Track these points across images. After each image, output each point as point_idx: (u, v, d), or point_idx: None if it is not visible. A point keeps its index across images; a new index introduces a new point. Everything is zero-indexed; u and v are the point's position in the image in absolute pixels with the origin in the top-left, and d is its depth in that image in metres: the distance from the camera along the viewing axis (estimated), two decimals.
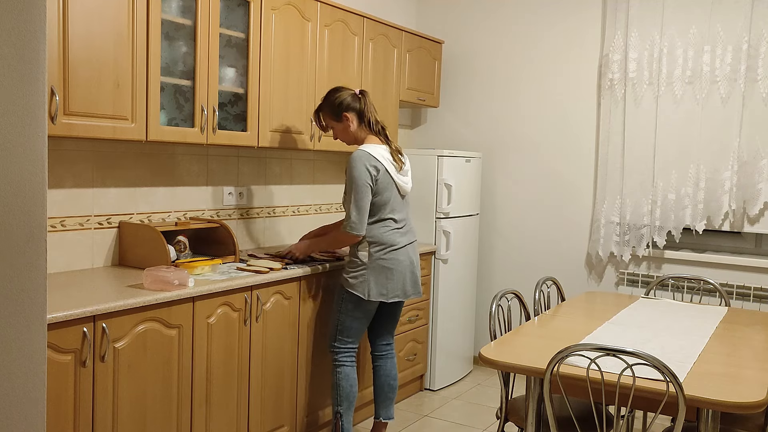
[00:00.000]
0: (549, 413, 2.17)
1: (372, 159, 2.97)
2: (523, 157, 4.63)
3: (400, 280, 3.09)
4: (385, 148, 3.06)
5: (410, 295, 3.15)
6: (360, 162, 2.94)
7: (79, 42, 2.42)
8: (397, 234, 3.08)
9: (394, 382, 3.29)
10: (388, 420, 3.28)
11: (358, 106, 3.06)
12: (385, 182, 3.01)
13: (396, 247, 3.06)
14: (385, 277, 3.04)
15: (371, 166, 2.96)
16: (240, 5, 3.11)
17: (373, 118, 3.08)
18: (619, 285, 4.28)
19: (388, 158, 3.03)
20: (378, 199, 3.01)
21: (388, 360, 3.29)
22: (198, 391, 2.66)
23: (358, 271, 3.04)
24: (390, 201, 3.04)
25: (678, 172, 4.03)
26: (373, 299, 3.03)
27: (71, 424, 2.21)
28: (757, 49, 3.78)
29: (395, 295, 3.08)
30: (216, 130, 2.98)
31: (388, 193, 3.03)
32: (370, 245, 3.03)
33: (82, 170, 2.84)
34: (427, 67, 4.50)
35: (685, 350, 2.41)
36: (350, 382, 3.11)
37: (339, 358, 3.12)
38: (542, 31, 4.53)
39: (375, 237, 3.03)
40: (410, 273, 3.13)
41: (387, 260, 3.04)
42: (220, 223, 3.19)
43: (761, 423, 2.55)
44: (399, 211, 3.10)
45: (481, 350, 2.36)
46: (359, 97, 3.08)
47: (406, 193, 3.14)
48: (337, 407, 3.11)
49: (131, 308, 2.35)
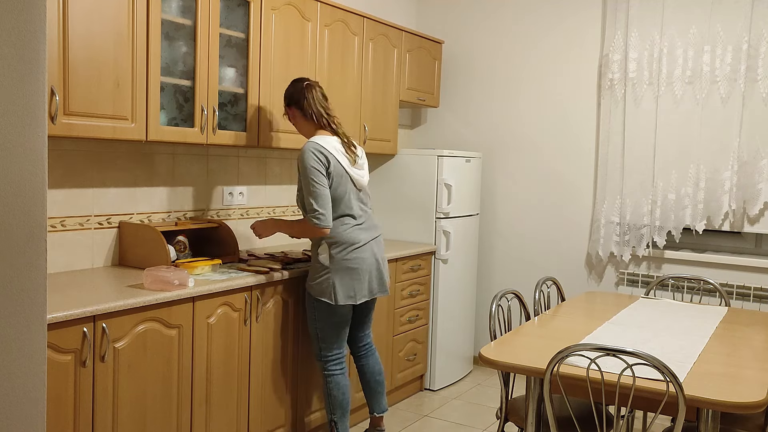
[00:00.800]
0: (549, 413, 2.17)
1: (320, 147, 2.85)
2: (523, 157, 4.63)
3: (366, 279, 2.98)
4: (336, 139, 2.94)
5: (377, 293, 3.05)
6: (310, 153, 2.83)
7: (79, 42, 2.42)
8: (358, 230, 2.96)
9: (380, 377, 3.25)
10: (382, 413, 3.27)
11: (299, 100, 2.95)
12: (338, 175, 2.88)
13: (358, 244, 2.94)
14: (350, 278, 2.93)
15: (323, 156, 2.84)
16: (240, 5, 3.11)
17: (316, 110, 2.93)
18: (619, 285, 4.28)
19: (340, 150, 2.92)
20: (333, 194, 2.89)
21: (369, 357, 3.24)
22: (198, 391, 2.66)
23: (322, 276, 2.92)
24: (345, 196, 2.92)
25: (678, 172, 4.03)
26: (341, 303, 2.92)
27: (71, 424, 2.21)
28: (757, 49, 3.78)
29: (362, 295, 2.98)
30: (216, 130, 2.98)
31: (343, 187, 2.91)
32: (330, 246, 2.91)
33: (82, 170, 2.84)
34: (427, 67, 4.50)
35: (685, 350, 2.41)
36: (342, 390, 3.05)
37: (328, 368, 3.05)
38: (542, 31, 4.53)
39: (334, 237, 2.91)
40: (376, 270, 3.02)
41: (350, 260, 2.92)
42: (220, 223, 3.19)
43: (761, 423, 2.55)
44: (357, 207, 2.98)
45: (481, 350, 2.36)
46: (302, 89, 2.95)
47: (362, 187, 3.01)
48: (331, 416, 3.07)
49: (131, 308, 2.35)
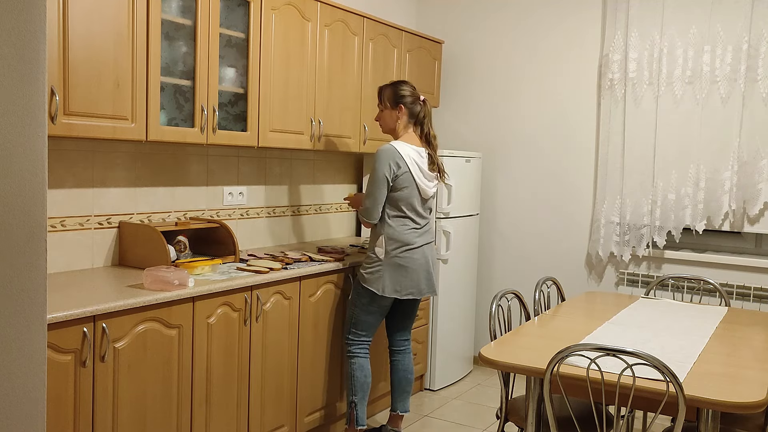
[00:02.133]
0: (549, 413, 2.17)
1: (396, 155, 3.06)
2: (523, 157, 4.63)
3: (415, 278, 3.16)
4: (420, 149, 3.14)
5: (425, 293, 3.22)
6: (384, 155, 3.05)
7: (79, 42, 2.42)
8: (414, 234, 3.15)
9: (411, 376, 3.41)
10: (404, 413, 3.40)
11: (415, 109, 3.19)
12: (406, 181, 3.08)
13: (412, 246, 3.13)
14: (400, 274, 3.12)
15: (393, 162, 3.05)
16: (240, 5, 3.11)
17: (426, 127, 3.20)
18: (619, 285, 4.28)
19: (417, 159, 3.11)
20: (396, 194, 3.09)
21: (405, 355, 3.40)
22: (198, 391, 2.66)
23: (374, 267, 3.12)
24: (409, 199, 3.11)
25: (678, 172, 4.03)
26: (387, 295, 3.10)
27: (71, 424, 2.21)
28: (757, 49, 3.78)
29: (409, 292, 3.15)
30: (216, 130, 2.98)
31: (408, 191, 3.10)
32: (386, 242, 3.11)
33: (82, 170, 2.84)
34: (427, 67, 4.50)
35: (685, 350, 2.41)
36: (364, 372, 3.20)
37: (353, 350, 3.21)
38: (542, 31, 4.53)
39: (392, 235, 3.11)
40: (425, 272, 3.19)
41: (402, 258, 3.11)
42: (220, 223, 3.19)
43: (761, 423, 2.55)
44: (419, 213, 3.17)
45: (481, 350, 2.36)
46: (420, 103, 3.20)
47: (428, 197, 3.20)
48: (352, 397, 3.20)
49: (131, 308, 2.35)
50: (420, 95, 3.24)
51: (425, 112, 3.21)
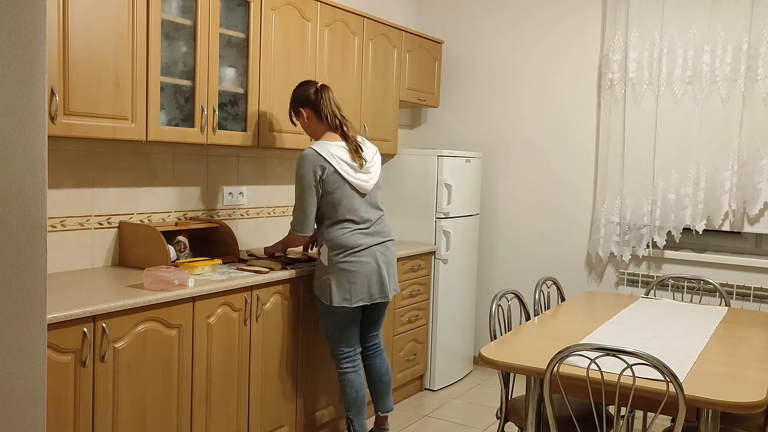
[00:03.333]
0: (549, 413, 2.17)
1: (319, 159, 2.88)
2: (523, 157, 4.63)
3: (365, 283, 2.98)
4: (341, 144, 2.96)
5: (377, 298, 3.03)
6: (304, 162, 2.88)
7: (79, 42, 2.42)
8: (359, 235, 2.97)
9: (386, 377, 3.28)
10: (387, 413, 3.31)
11: (314, 100, 2.98)
12: (334, 182, 2.90)
13: (357, 249, 2.95)
14: (347, 280, 2.94)
15: (317, 166, 2.87)
16: (240, 5, 3.11)
17: (330, 112, 2.97)
18: (619, 285, 4.28)
19: (342, 156, 2.93)
20: (329, 198, 2.92)
21: (375, 357, 3.27)
22: (198, 391, 2.66)
23: (321, 277, 2.99)
24: (343, 201, 2.93)
25: (678, 172, 4.03)
26: (336, 305, 2.94)
27: (71, 424, 2.21)
28: (757, 49, 3.78)
29: (359, 299, 2.98)
30: (216, 130, 2.98)
31: (340, 192, 2.91)
32: (329, 249, 2.95)
33: (82, 170, 2.84)
34: (427, 67, 4.50)
35: (685, 350, 2.41)
36: (355, 388, 3.09)
37: (340, 366, 3.11)
38: (542, 31, 4.53)
39: (332, 240, 2.94)
40: (377, 276, 3.01)
41: (348, 263, 2.94)
42: (220, 223, 3.19)
43: (761, 423, 2.55)
44: (360, 211, 2.98)
45: (481, 350, 2.36)
46: (318, 91, 2.98)
47: (366, 192, 2.99)
48: (347, 413, 3.13)
49: (131, 308, 2.35)
50: (317, 83, 3.02)
51: (322, 97, 2.97)
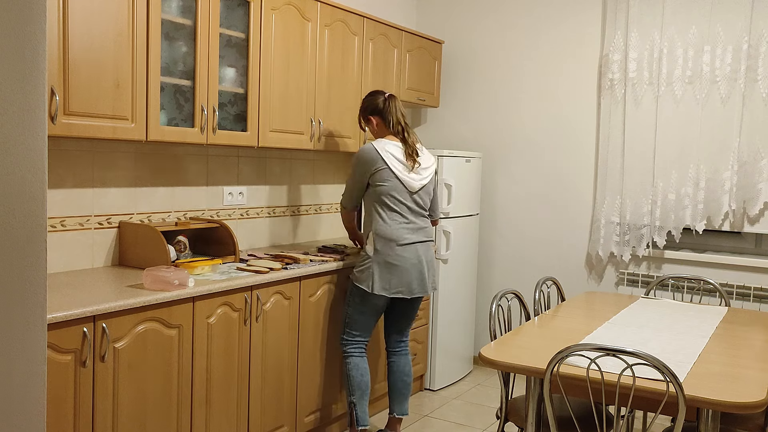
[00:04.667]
0: (549, 413, 2.17)
1: (373, 152, 3.11)
2: (523, 157, 4.63)
3: (405, 276, 3.12)
4: (398, 145, 3.16)
5: (416, 293, 3.17)
6: (361, 153, 3.15)
7: (79, 42, 2.42)
8: (405, 230, 3.13)
9: (408, 378, 3.37)
10: (402, 416, 3.36)
11: (382, 109, 3.23)
12: (386, 175, 3.11)
13: (402, 243, 3.11)
14: (389, 272, 3.10)
15: (370, 158, 3.11)
16: (240, 5, 3.11)
17: (394, 119, 3.21)
18: (619, 285, 4.28)
19: (396, 154, 3.13)
20: (379, 188, 3.11)
21: (401, 357, 3.36)
22: (198, 391, 2.66)
23: (364, 264, 3.12)
24: (393, 191, 3.11)
25: (678, 172, 4.03)
26: (376, 292, 3.08)
27: (71, 424, 2.21)
28: (757, 49, 3.78)
29: (398, 291, 3.12)
30: (216, 130, 2.98)
31: (390, 183, 3.11)
32: (375, 240, 3.10)
33: (82, 170, 2.84)
34: (427, 67, 4.50)
35: (685, 350, 2.41)
36: (360, 372, 3.19)
37: (347, 350, 3.22)
38: (542, 31, 4.53)
39: (381, 231, 3.10)
40: (417, 271, 3.15)
41: (392, 256, 3.09)
42: (220, 223, 3.19)
43: (761, 423, 2.55)
44: (408, 207, 3.16)
45: (481, 350, 2.36)
46: (386, 100, 3.23)
47: (414, 190, 3.17)
48: (350, 397, 3.19)
49: (131, 308, 2.35)
50: (385, 93, 3.27)
51: (389, 106, 3.23)
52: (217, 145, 3.15)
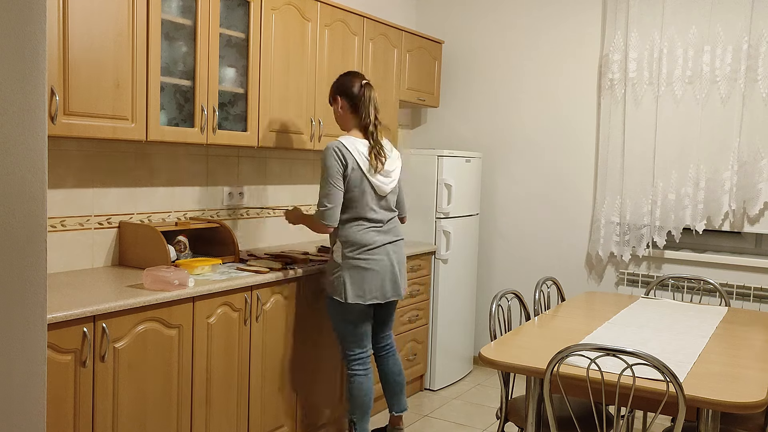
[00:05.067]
0: (549, 413, 2.17)
1: (345, 150, 2.88)
2: (523, 157, 4.63)
3: (378, 281, 2.97)
4: (364, 143, 2.95)
5: (390, 297, 3.03)
6: (330, 152, 2.87)
7: (79, 42, 2.42)
8: (373, 233, 2.97)
9: (399, 377, 3.29)
10: (401, 412, 3.32)
11: (354, 94, 2.97)
12: (356, 178, 2.90)
13: (372, 246, 2.95)
14: (361, 278, 2.94)
15: (343, 157, 2.87)
16: (240, 5, 3.11)
17: (365, 111, 2.96)
18: (619, 285, 4.28)
19: (364, 153, 2.93)
20: (349, 195, 2.91)
21: (388, 358, 3.28)
22: (198, 391, 2.66)
23: (335, 273, 2.96)
24: (362, 199, 2.93)
25: (678, 172, 4.03)
26: (350, 302, 2.93)
27: (71, 424, 2.21)
28: (757, 49, 3.78)
29: (373, 296, 2.97)
30: (216, 130, 2.98)
31: (359, 189, 2.92)
32: (343, 246, 2.94)
33: (82, 170, 2.84)
34: (427, 67, 4.50)
35: (685, 350, 2.41)
36: (363, 392, 3.06)
37: (350, 367, 3.08)
38: (542, 31, 4.53)
39: (348, 237, 2.94)
40: (390, 274, 3.01)
41: (362, 260, 2.94)
42: (220, 223, 3.19)
43: (761, 423, 2.55)
44: (376, 211, 2.99)
45: (481, 350, 2.36)
46: (362, 87, 2.97)
47: (384, 194, 3.01)
48: (351, 415, 3.10)
49: (131, 308, 2.35)
50: (364, 78, 3.01)
51: (364, 94, 2.96)
52: (217, 145, 3.15)
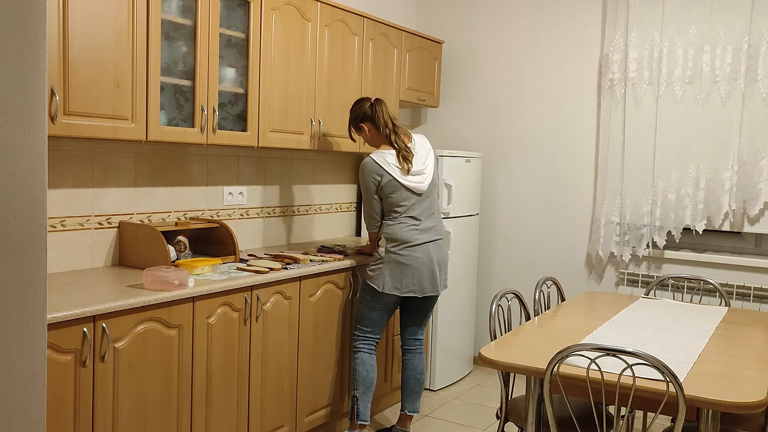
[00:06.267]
0: (549, 413, 2.17)
1: (376, 167, 3.17)
2: (523, 157, 4.63)
3: (417, 276, 3.19)
4: (392, 152, 3.20)
5: (428, 292, 3.24)
6: (364, 171, 3.20)
7: (79, 42, 2.42)
8: (415, 231, 3.20)
9: (421, 377, 3.43)
10: (413, 413, 3.43)
11: (371, 114, 3.25)
12: (392, 187, 3.17)
13: (412, 243, 3.18)
14: (400, 272, 3.18)
15: (376, 175, 3.17)
16: (240, 5, 3.11)
17: (382, 122, 3.24)
18: (619, 285, 4.28)
19: (393, 164, 3.18)
20: (388, 201, 3.19)
21: (416, 355, 3.43)
22: (198, 391, 2.66)
23: (376, 264, 3.22)
24: (401, 202, 3.19)
25: (678, 172, 4.03)
26: (387, 291, 3.17)
27: (71, 424, 2.21)
28: (757, 49, 3.78)
29: (410, 290, 3.19)
30: (216, 130, 2.98)
31: (397, 194, 3.18)
32: (386, 242, 3.21)
33: (82, 170, 2.84)
34: (427, 67, 4.50)
35: (685, 350, 2.41)
36: (366, 368, 3.26)
37: (357, 345, 3.30)
38: (542, 31, 4.53)
39: (390, 234, 3.19)
40: (428, 270, 3.22)
41: (402, 256, 3.17)
42: (220, 223, 3.19)
43: (761, 423, 2.55)
44: (417, 210, 3.22)
45: (481, 350, 2.36)
46: (372, 105, 3.26)
47: (422, 192, 3.23)
48: (354, 391, 3.27)
49: (131, 308, 2.35)
50: (370, 99, 3.29)
51: (377, 110, 3.25)
52: (217, 145, 3.15)
